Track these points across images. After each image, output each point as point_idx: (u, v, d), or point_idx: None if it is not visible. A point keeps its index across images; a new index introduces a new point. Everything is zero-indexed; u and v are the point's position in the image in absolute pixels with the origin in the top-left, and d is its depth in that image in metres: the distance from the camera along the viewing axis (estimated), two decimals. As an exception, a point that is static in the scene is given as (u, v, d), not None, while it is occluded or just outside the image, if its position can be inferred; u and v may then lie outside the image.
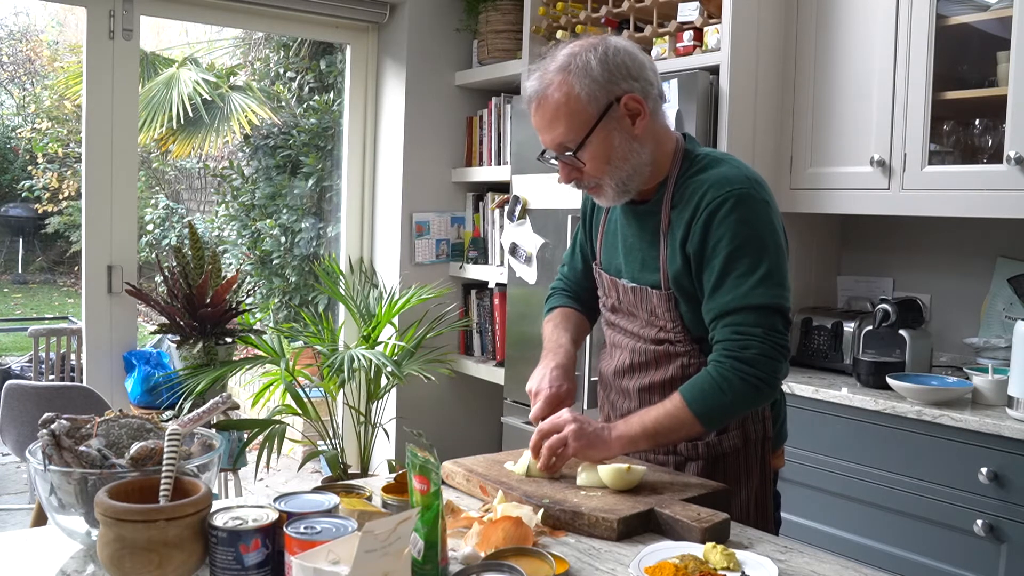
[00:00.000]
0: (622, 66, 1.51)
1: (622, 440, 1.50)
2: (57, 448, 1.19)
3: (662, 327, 1.60)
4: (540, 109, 1.54)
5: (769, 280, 1.47)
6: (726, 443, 1.58)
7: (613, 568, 1.22)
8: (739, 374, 1.46)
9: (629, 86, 1.52)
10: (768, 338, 1.46)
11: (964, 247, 2.80)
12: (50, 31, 9.85)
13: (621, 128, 1.52)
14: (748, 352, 1.46)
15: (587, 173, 1.55)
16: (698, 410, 1.47)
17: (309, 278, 5.81)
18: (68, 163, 8.74)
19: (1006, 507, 2.13)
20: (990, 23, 2.47)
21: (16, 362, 6.18)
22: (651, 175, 1.58)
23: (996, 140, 2.48)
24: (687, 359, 1.58)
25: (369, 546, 0.94)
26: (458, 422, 3.92)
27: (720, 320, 1.49)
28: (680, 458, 1.61)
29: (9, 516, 4.04)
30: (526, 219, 3.27)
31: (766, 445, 1.62)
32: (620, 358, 1.69)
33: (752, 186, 1.51)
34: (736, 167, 1.56)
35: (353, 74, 3.91)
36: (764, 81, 2.79)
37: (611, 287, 1.69)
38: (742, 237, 1.48)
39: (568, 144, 1.53)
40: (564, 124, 1.51)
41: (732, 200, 1.48)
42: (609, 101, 1.51)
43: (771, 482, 1.65)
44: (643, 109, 1.53)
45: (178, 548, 1.08)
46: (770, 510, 1.64)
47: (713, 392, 1.47)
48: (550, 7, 3.24)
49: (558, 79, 1.51)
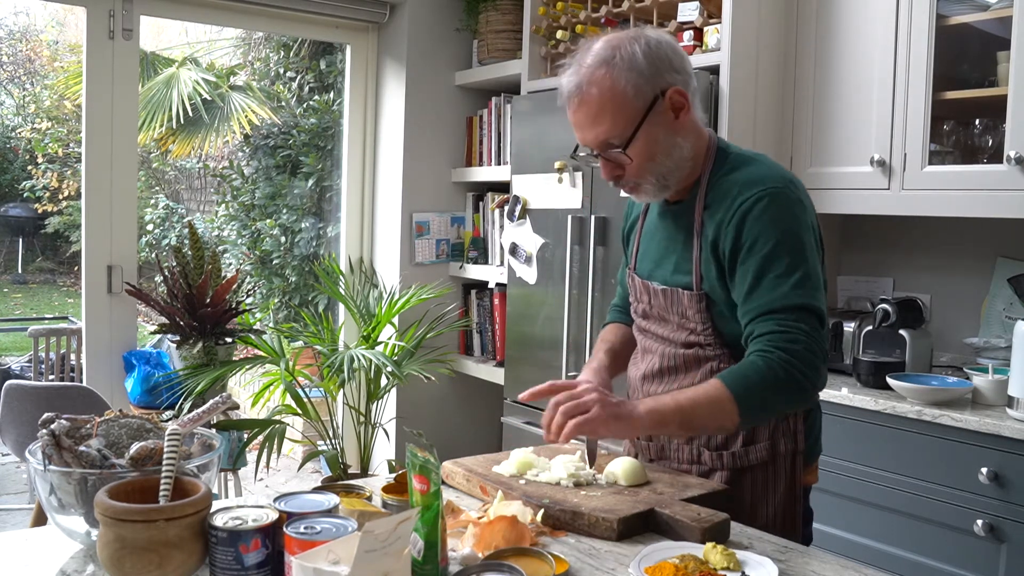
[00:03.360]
0: (665, 58, 1.46)
1: (652, 416, 1.40)
2: (57, 448, 1.19)
3: (692, 330, 1.54)
4: (582, 106, 1.47)
5: (807, 282, 1.42)
6: (753, 455, 1.52)
7: (613, 568, 1.22)
8: (786, 366, 1.37)
9: (673, 79, 1.47)
10: (812, 338, 1.40)
11: (964, 247, 2.80)
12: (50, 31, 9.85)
13: (665, 122, 1.48)
14: (795, 346, 1.38)
15: (630, 170, 1.50)
16: (739, 395, 1.37)
17: (309, 278, 5.81)
18: (68, 163, 8.74)
19: (1006, 507, 2.13)
20: (990, 23, 2.48)
21: (16, 362, 6.18)
22: (689, 172, 1.54)
23: (996, 140, 2.48)
24: (717, 363, 1.52)
25: (369, 546, 0.94)
26: (458, 422, 3.92)
27: (761, 317, 1.42)
28: (704, 467, 1.55)
29: (9, 516, 4.04)
30: (526, 219, 3.27)
31: (796, 460, 1.54)
32: (649, 362, 1.63)
33: (786, 185, 1.47)
34: (769, 166, 1.52)
35: (353, 74, 3.91)
36: (764, 81, 2.79)
37: (642, 291, 1.64)
38: (778, 237, 1.43)
39: (613, 140, 1.47)
40: (609, 120, 1.46)
41: (766, 199, 1.44)
42: (655, 94, 1.46)
43: (800, 498, 1.56)
44: (686, 102, 1.49)
45: (178, 548, 1.08)
46: (798, 526, 1.55)
47: (756, 379, 1.38)
48: (550, 7, 3.24)
49: (600, 73, 1.45)
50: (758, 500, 1.53)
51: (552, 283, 3.16)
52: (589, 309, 2.99)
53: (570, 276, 3.04)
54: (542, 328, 3.20)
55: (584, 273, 3.00)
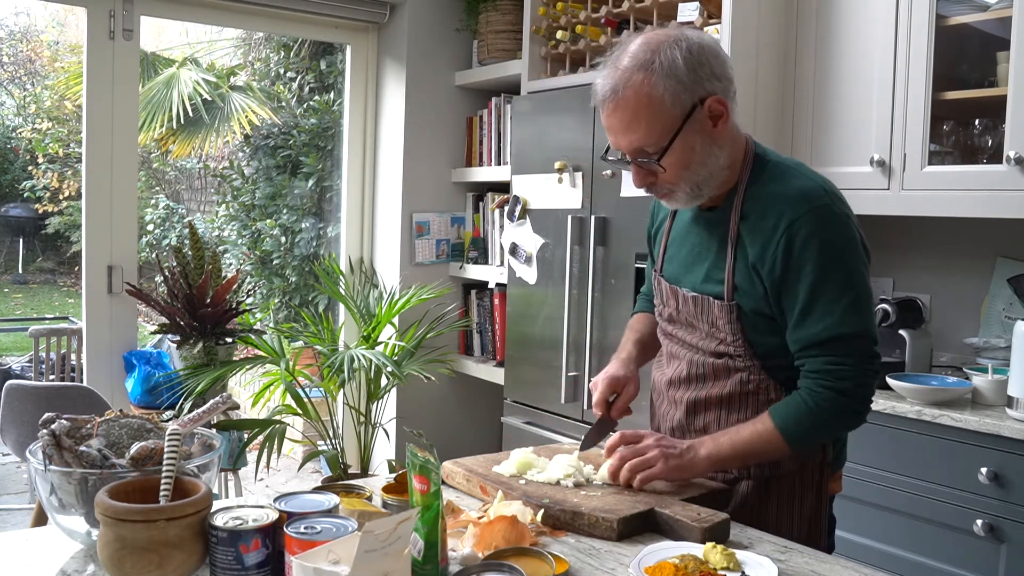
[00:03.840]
0: (707, 65, 1.41)
1: (711, 459, 1.45)
2: (57, 448, 1.19)
3: (722, 340, 1.51)
4: (618, 110, 1.42)
5: (858, 305, 1.41)
6: (782, 465, 1.52)
7: (613, 568, 1.22)
8: (835, 405, 1.41)
9: (713, 87, 1.42)
10: (862, 367, 1.42)
11: (964, 247, 2.80)
12: (50, 31, 9.85)
13: (702, 131, 1.43)
14: (845, 383, 1.40)
15: (663, 178, 1.46)
16: (791, 437, 1.43)
17: (309, 278, 5.81)
18: (68, 163, 8.74)
19: (1006, 507, 2.13)
20: (990, 23, 2.48)
21: (16, 362, 6.18)
22: (725, 180, 1.50)
23: (996, 140, 2.48)
24: (747, 375, 1.50)
25: (369, 546, 0.94)
26: (458, 422, 3.92)
27: (811, 350, 1.43)
28: (731, 476, 1.55)
29: (9, 516, 4.04)
30: (526, 219, 3.27)
31: (824, 470, 1.54)
32: (677, 368, 1.61)
33: (831, 200, 1.44)
34: (810, 178, 1.48)
35: (353, 74, 3.91)
36: (764, 81, 2.79)
37: (670, 296, 1.60)
38: (828, 261, 1.40)
39: (648, 148, 1.43)
40: (645, 128, 1.41)
41: (815, 220, 1.41)
42: (694, 103, 1.41)
43: (826, 507, 1.57)
44: (726, 111, 1.44)
45: (178, 548, 1.08)
46: (822, 536, 1.56)
47: (807, 420, 1.42)
48: (550, 7, 3.24)
49: (639, 78, 1.39)
50: (785, 510, 1.53)
51: (552, 283, 3.16)
52: (589, 309, 2.99)
53: (570, 276, 3.04)
54: (542, 328, 3.20)
55: (584, 273, 3.00)
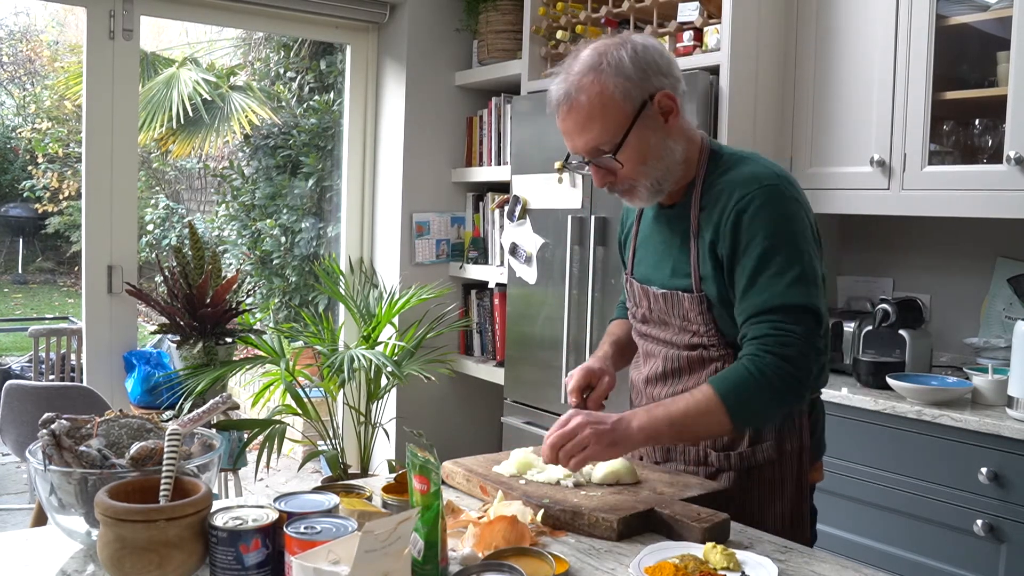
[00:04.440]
0: (653, 63, 1.47)
1: (644, 432, 1.42)
2: (57, 448, 1.19)
3: (695, 331, 1.54)
4: (571, 112, 1.47)
5: (803, 280, 1.42)
6: (760, 454, 1.52)
7: (613, 568, 1.22)
8: (778, 372, 1.38)
9: (660, 83, 1.47)
10: (807, 339, 1.40)
11: (964, 247, 2.80)
12: (50, 31, 9.86)
13: (655, 126, 1.48)
14: (788, 350, 1.39)
15: (622, 175, 1.50)
16: (731, 404, 1.39)
17: (309, 278, 5.81)
18: (68, 163, 8.74)
19: (1006, 507, 2.13)
20: (990, 23, 2.48)
21: (16, 362, 6.18)
22: (682, 175, 1.54)
23: (996, 140, 2.48)
24: (722, 364, 1.52)
25: (369, 546, 0.94)
26: (458, 422, 3.92)
27: (755, 318, 1.43)
28: (712, 469, 1.55)
29: (9, 516, 4.04)
30: (526, 219, 3.27)
31: (803, 457, 1.54)
32: (653, 365, 1.63)
33: (782, 183, 1.47)
34: (764, 165, 1.52)
35: (353, 74, 3.91)
36: (764, 81, 2.79)
37: (642, 296, 1.64)
38: (774, 235, 1.43)
39: (604, 146, 1.47)
40: (599, 125, 1.46)
41: (762, 197, 1.44)
42: (644, 99, 1.46)
43: (807, 496, 1.57)
44: (675, 106, 1.49)
45: (178, 548, 1.08)
46: (806, 525, 1.57)
47: (748, 387, 1.39)
48: (550, 7, 3.24)
49: (589, 79, 1.45)
50: (767, 500, 1.53)
51: (552, 283, 3.16)
52: (589, 309, 2.99)
53: (570, 276, 3.04)
54: (542, 328, 3.20)
55: (584, 273, 3.00)
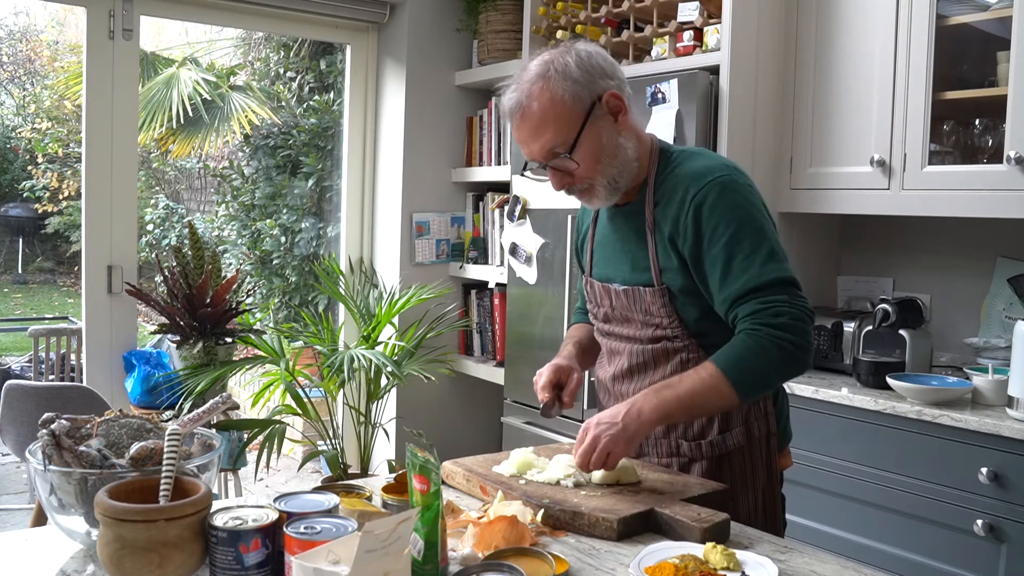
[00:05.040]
0: (597, 66, 1.54)
1: (657, 412, 1.46)
2: (57, 448, 1.19)
3: (658, 324, 1.59)
4: (525, 120, 1.54)
5: (775, 256, 1.48)
6: (730, 441, 1.57)
7: (613, 568, 1.22)
8: (776, 340, 1.43)
9: (607, 84, 1.54)
10: (794, 303, 1.46)
11: (964, 247, 2.80)
12: (50, 31, 9.85)
13: (606, 125, 1.54)
14: (780, 319, 1.44)
15: (578, 175, 1.56)
16: (735, 378, 1.44)
17: (309, 278, 5.81)
18: (68, 163, 8.74)
19: (1006, 507, 2.13)
20: (990, 23, 2.47)
21: (16, 362, 6.18)
22: (636, 173, 1.59)
23: (996, 140, 2.48)
24: (686, 354, 1.57)
25: (369, 546, 0.94)
26: (458, 422, 3.92)
27: (740, 300, 1.47)
28: (684, 459, 1.59)
29: (9, 516, 4.04)
30: (526, 219, 3.27)
31: (771, 442, 1.61)
32: (618, 363, 1.67)
33: (732, 172, 1.54)
34: (712, 158, 1.59)
35: (353, 74, 3.91)
36: (764, 81, 2.79)
37: (603, 295, 1.68)
38: (737, 221, 1.48)
39: (558, 148, 1.53)
40: (552, 129, 1.52)
41: (717, 189, 1.50)
42: (592, 100, 1.53)
43: (778, 483, 1.64)
44: (623, 105, 1.55)
45: (178, 548, 1.08)
46: (778, 512, 1.63)
47: (750, 359, 1.44)
48: (550, 7, 3.24)
49: (538, 86, 1.52)
50: (740, 487, 1.57)
51: (552, 283, 3.16)
52: (589, 309, 2.99)
53: (570, 276, 3.04)
54: (542, 328, 3.20)
55: (584, 273, 3.00)
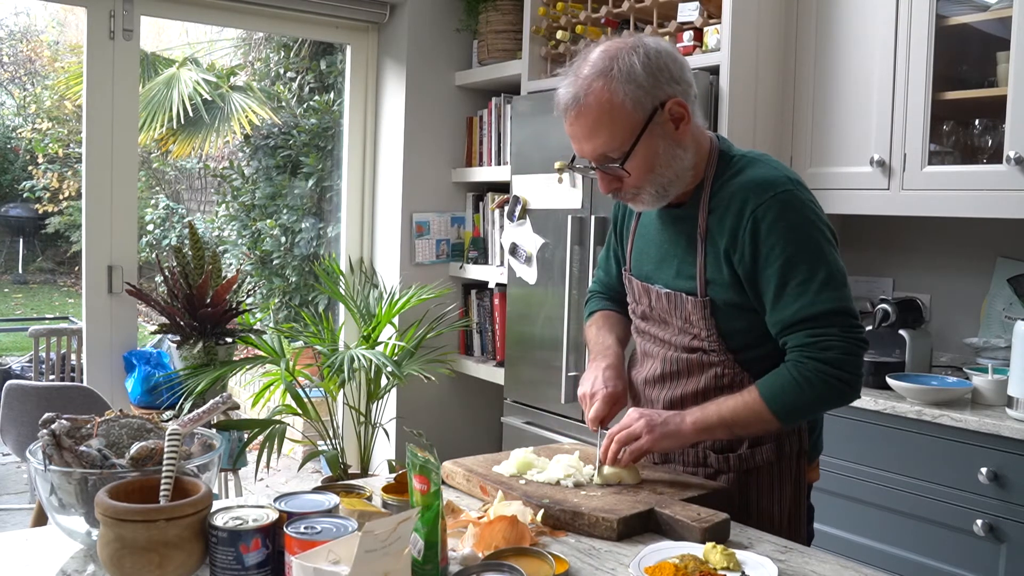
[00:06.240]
0: (665, 69, 1.44)
1: (697, 426, 1.46)
2: (57, 448, 1.19)
3: (696, 335, 1.53)
4: (580, 117, 1.45)
5: (831, 283, 1.42)
6: (759, 456, 1.52)
7: (613, 568, 1.22)
8: (822, 376, 1.41)
9: (672, 90, 1.45)
10: (846, 336, 1.41)
11: (964, 247, 2.80)
12: (50, 31, 9.85)
13: (664, 134, 1.45)
14: (829, 353, 1.40)
15: (628, 183, 1.48)
16: (775, 409, 1.43)
17: (309, 278, 5.81)
18: (68, 163, 8.74)
19: (1006, 507, 2.13)
20: (990, 23, 2.48)
21: (16, 362, 6.18)
22: (691, 179, 1.52)
23: (996, 140, 2.48)
24: (721, 369, 1.51)
25: (369, 546, 0.94)
26: (458, 422, 3.92)
27: (790, 329, 1.44)
28: (711, 470, 1.55)
29: (9, 516, 4.04)
30: (526, 219, 3.27)
31: (801, 459, 1.55)
32: (651, 367, 1.62)
33: (795, 187, 1.46)
34: (775, 167, 1.50)
35: (353, 74, 3.91)
36: (764, 81, 2.79)
37: (643, 293, 1.62)
38: (795, 244, 1.42)
39: (611, 154, 1.45)
40: (607, 133, 1.44)
41: (778, 206, 1.43)
42: (654, 107, 1.44)
43: (804, 496, 1.58)
44: (687, 113, 1.46)
45: (178, 548, 1.08)
46: (802, 525, 1.57)
47: (793, 392, 1.42)
48: (550, 7, 3.24)
49: (599, 85, 1.42)
50: (766, 501, 1.53)
51: (552, 283, 3.16)
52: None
53: (570, 276, 3.04)
54: (542, 328, 3.20)
55: (584, 273, 3.00)
